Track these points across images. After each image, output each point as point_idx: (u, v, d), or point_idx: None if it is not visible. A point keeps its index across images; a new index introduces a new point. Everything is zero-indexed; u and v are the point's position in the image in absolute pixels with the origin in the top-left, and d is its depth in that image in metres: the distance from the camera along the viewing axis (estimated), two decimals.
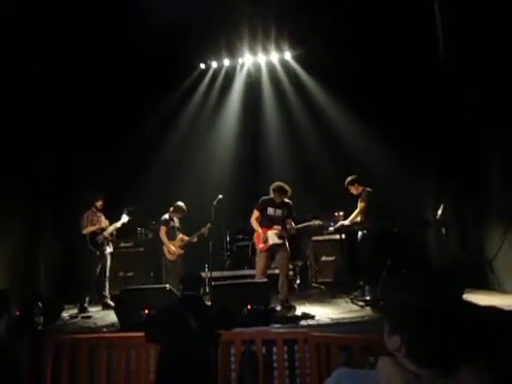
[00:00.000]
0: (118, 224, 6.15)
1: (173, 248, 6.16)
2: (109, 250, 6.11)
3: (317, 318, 4.34)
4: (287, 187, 5.12)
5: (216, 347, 3.23)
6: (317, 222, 5.30)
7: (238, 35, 7.36)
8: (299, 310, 4.84)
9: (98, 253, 5.91)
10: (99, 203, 6.09)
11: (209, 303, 4.29)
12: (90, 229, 5.91)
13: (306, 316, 4.48)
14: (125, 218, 6.16)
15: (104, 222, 6.07)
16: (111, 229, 6.10)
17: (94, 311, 5.68)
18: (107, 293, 6.00)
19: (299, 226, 5.25)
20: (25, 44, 6.04)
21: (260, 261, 5.07)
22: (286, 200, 5.18)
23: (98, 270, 5.94)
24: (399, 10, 6.27)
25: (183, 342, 2.93)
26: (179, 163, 7.75)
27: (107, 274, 6.07)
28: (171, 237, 6.23)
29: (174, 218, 6.30)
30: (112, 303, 5.71)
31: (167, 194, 6.72)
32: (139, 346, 3.74)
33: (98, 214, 6.08)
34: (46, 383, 3.74)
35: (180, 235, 6.30)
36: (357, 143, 7.08)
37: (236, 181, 7.53)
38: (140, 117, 7.56)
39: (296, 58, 7.88)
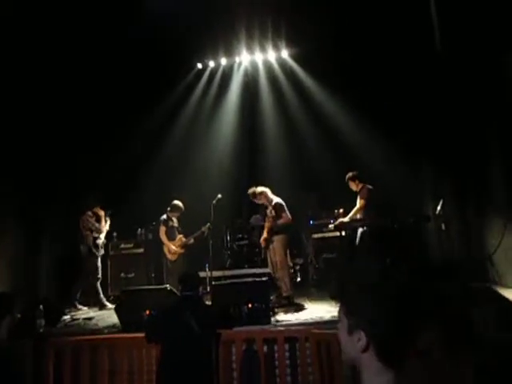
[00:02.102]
0: (107, 227, 6.36)
1: (173, 248, 6.18)
2: (102, 252, 6.31)
3: (318, 315, 4.34)
4: (249, 191, 5.56)
5: (216, 347, 3.24)
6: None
7: (235, 34, 7.32)
8: (300, 307, 4.84)
9: (99, 257, 6.15)
10: (97, 209, 6.28)
11: (209, 303, 4.30)
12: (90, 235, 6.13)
13: (306, 314, 4.48)
14: (108, 221, 6.40)
15: (98, 226, 6.25)
16: (105, 232, 6.31)
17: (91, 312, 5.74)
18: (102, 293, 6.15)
19: None
20: (25, 45, 6.07)
21: None
22: (261, 202, 5.55)
23: (99, 271, 6.11)
24: (394, 4, 6.25)
25: (183, 343, 2.94)
26: (177, 163, 7.73)
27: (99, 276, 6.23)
28: (171, 237, 6.25)
29: (173, 218, 6.33)
30: (108, 303, 5.95)
31: (166, 195, 6.71)
32: (141, 346, 3.75)
33: (94, 220, 6.24)
34: None
35: (179, 235, 6.31)
36: (355, 139, 7.06)
37: (235, 180, 7.52)
38: (138, 117, 7.54)
39: (293, 56, 7.85)
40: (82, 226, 6.12)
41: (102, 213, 6.33)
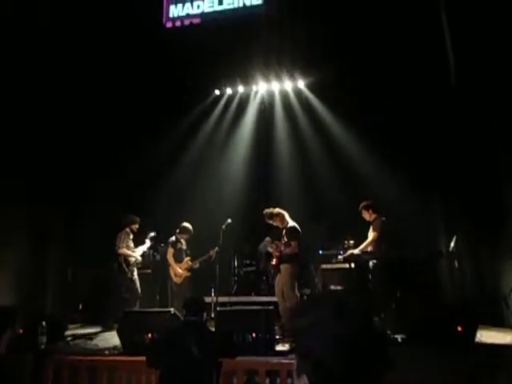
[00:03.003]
0: (145, 247, 6.29)
1: (179, 270, 6.13)
2: (136, 272, 6.20)
3: None
4: (266, 211, 5.45)
5: (217, 375, 3.14)
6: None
7: (253, 64, 7.54)
8: None
9: (129, 274, 6.03)
10: (135, 227, 6.25)
11: (213, 329, 4.21)
12: (127, 252, 6.04)
13: None
14: (148, 243, 6.32)
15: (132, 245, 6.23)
16: (140, 252, 6.23)
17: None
18: None
19: None
20: (46, 58, 6.39)
21: None
22: (276, 224, 5.41)
23: (124, 290, 6.00)
24: (411, 37, 6.38)
25: (184, 369, 2.86)
26: (190, 186, 7.79)
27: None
28: (178, 259, 6.21)
29: (182, 240, 6.31)
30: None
31: (176, 217, 6.73)
32: (141, 371, 3.67)
33: (131, 237, 6.21)
34: None
35: (187, 258, 6.28)
36: (368, 171, 7.04)
37: (245, 206, 7.51)
38: (154, 138, 7.70)
39: (309, 87, 7.99)
40: (122, 240, 6.06)
41: (136, 226, 6.25)
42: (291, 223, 5.27)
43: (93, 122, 7.18)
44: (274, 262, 5.28)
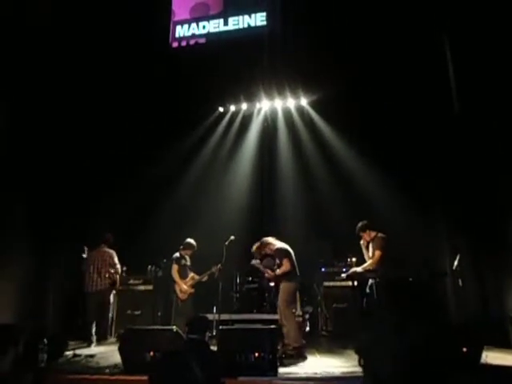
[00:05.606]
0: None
1: (185, 287, 6.13)
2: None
3: (326, 369, 4.15)
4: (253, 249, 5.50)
5: None
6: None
7: (256, 82, 7.66)
8: (308, 359, 4.65)
9: (113, 290, 6.18)
10: (111, 241, 6.38)
11: (215, 347, 4.17)
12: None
13: (315, 367, 4.29)
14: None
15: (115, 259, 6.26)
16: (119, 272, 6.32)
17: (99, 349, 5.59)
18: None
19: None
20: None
21: None
22: (269, 252, 5.46)
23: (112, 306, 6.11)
24: (412, 54, 6.49)
25: None
26: (193, 203, 7.82)
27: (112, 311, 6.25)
28: (183, 275, 6.22)
29: (186, 256, 6.31)
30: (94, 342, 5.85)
31: (179, 233, 6.74)
32: None
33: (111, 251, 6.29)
34: None
35: (191, 274, 6.27)
36: (371, 189, 7.05)
37: (248, 223, 7.50)
38: (157, 155, 7.77)
39: (311, 104, 8.09)
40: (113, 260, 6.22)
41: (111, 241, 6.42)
42: (278, 245, 5.31)
43: (97, 137, 7.26)
44: (272, 283, 5.26)
